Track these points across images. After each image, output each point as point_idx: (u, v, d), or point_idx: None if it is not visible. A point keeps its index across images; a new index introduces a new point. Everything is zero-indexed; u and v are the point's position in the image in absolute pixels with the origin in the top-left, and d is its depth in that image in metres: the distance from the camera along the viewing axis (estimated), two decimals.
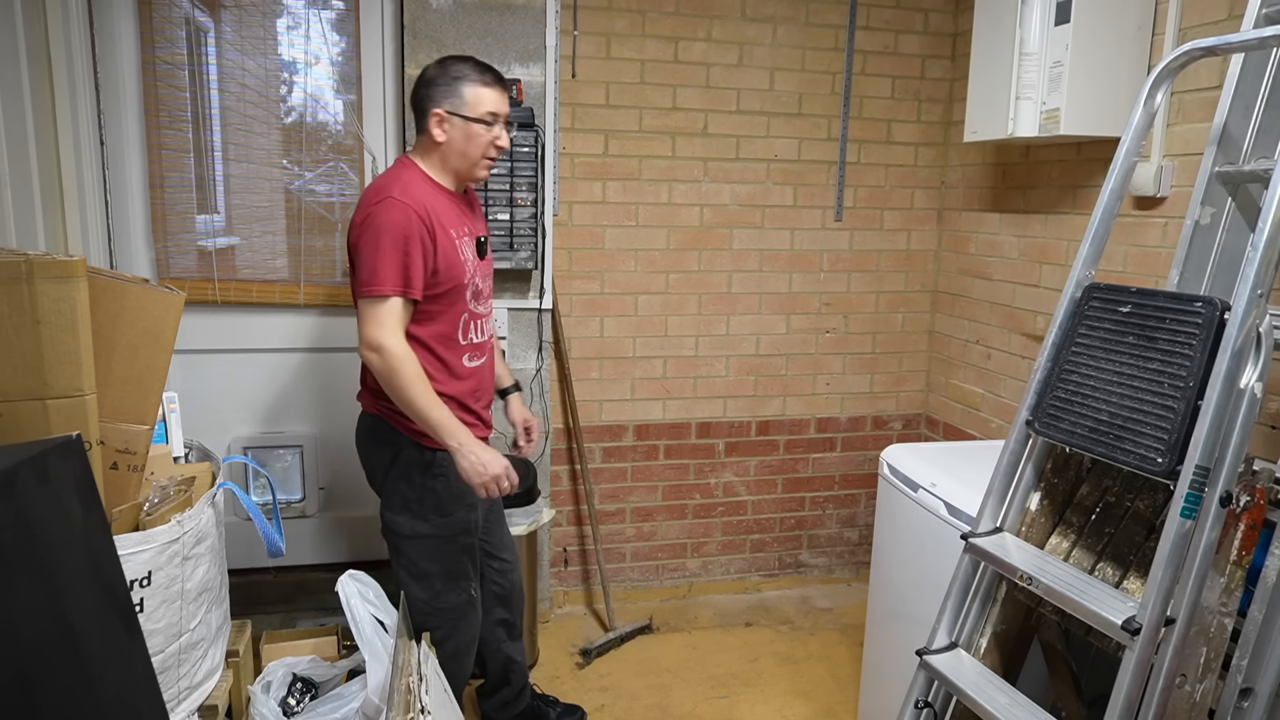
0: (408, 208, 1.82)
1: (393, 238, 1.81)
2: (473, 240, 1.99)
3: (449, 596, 2.07)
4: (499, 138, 1.92)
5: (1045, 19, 2.28)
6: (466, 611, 2.10)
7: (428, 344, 1.93)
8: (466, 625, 2.11)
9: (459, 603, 2.08)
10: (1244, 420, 1.28)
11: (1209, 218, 1.62)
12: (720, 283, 3.11)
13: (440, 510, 2.00)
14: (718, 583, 3.31)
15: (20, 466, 1.20)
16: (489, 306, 2.08)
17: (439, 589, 2.06)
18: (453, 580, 2.06)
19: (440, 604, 2.07)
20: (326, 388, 2.91)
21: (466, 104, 1.88)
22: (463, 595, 2.08)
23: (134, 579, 1.59)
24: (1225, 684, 1.39)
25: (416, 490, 1.99)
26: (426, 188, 1.91)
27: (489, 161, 1.95)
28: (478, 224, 2.07)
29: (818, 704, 2.61)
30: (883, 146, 3.15)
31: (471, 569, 2.10)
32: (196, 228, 2.73)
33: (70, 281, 1.48)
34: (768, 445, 3.26)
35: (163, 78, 2.63)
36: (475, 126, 1.89)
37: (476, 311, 2.01)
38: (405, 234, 1.81)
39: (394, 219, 1.81)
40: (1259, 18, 1.58)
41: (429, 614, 2.08)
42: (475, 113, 1.89)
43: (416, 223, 1.82)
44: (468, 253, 1.95)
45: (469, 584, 2.09)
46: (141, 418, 1.69)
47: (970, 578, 1.65)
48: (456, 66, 1.91)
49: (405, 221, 1.81)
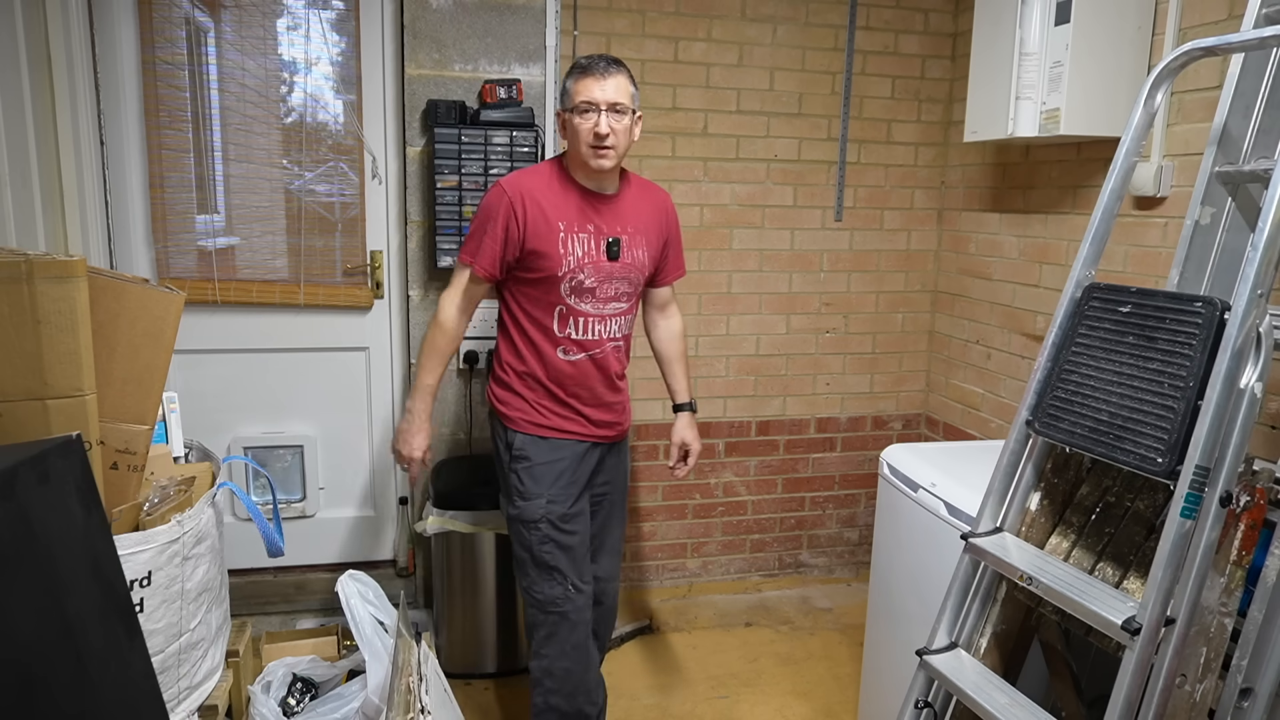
0: (502, 190, 1.96)
1: (481, 214, 1.99)
2: (599, 238, 2.00)
3: (544, 587, 2.03)
4: (597, 125, 1.91)
5: (1045, 19, 2.28)
6: (567, 609, 2.03)
7: (522, 324, 2.03)
8: (569, 626, 2.04)
9: (555, 595, 2.03)
10: (1244, 420, 1.28)
11: (1209, 218, 1.62)
12: (720, 283, 3.11)
13: (522, 494, 2.03)
14: (718, 583, 3.31)
15: (20, 466, 1.20)
16: (608, 309, 2.05)
17: (533, 577, 2.04)
18: (544, 571, 2.03)
19: (537, 594, 2.04)
20: (326, 388, 2.91)
21: (568, 97, 1.96)
22: (558, 588, 2.02)
23: (134, 579, 1.59)
24: (1225, 684, 1.39)
25: (505, 472, 2.08)
26: (546, 178, 2.00)
27: (594, 151, 1.94)
28: (620, 225, 2.04)
29: (818, 704, 2.61)
30: (883, 146, 3.15)
31: (567, 562, 2.03)
32: (196, 228, 2.73)
33: (70, 281, 1.48)
34: (768, 445, 3.26)
35: (163, 78, 2.63)
36: (574, 118, 1.94)
37: (578, 309, 2.01)
38: (490, 213, 1.96)
39: (487, 198, 1.99)
40: (1259, 18, 1.58)
41: (530, 605, 2.07)
42: (572, 104, 1.94)
43: (506, 204, 1.94)
44: (577, 247, 1.97)
45: (565, 578, 2.03)
46: (141, 418, 1.69)
47: (970, 578, 1.65)
48: (570, 69, 1.99)
49: (494, 201, 1.96)
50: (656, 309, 2.28)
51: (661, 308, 2.29)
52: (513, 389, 2.06)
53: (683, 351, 2.31)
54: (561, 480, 2.03)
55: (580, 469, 2.07)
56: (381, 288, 2.88)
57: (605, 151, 1.94)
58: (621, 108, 1.94)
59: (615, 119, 1.93)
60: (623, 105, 1.94)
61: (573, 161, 2.02)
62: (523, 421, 2.04)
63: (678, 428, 2.27)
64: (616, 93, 1.93)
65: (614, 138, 1.93)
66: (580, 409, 2.06)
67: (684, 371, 2.31)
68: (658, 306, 2.28)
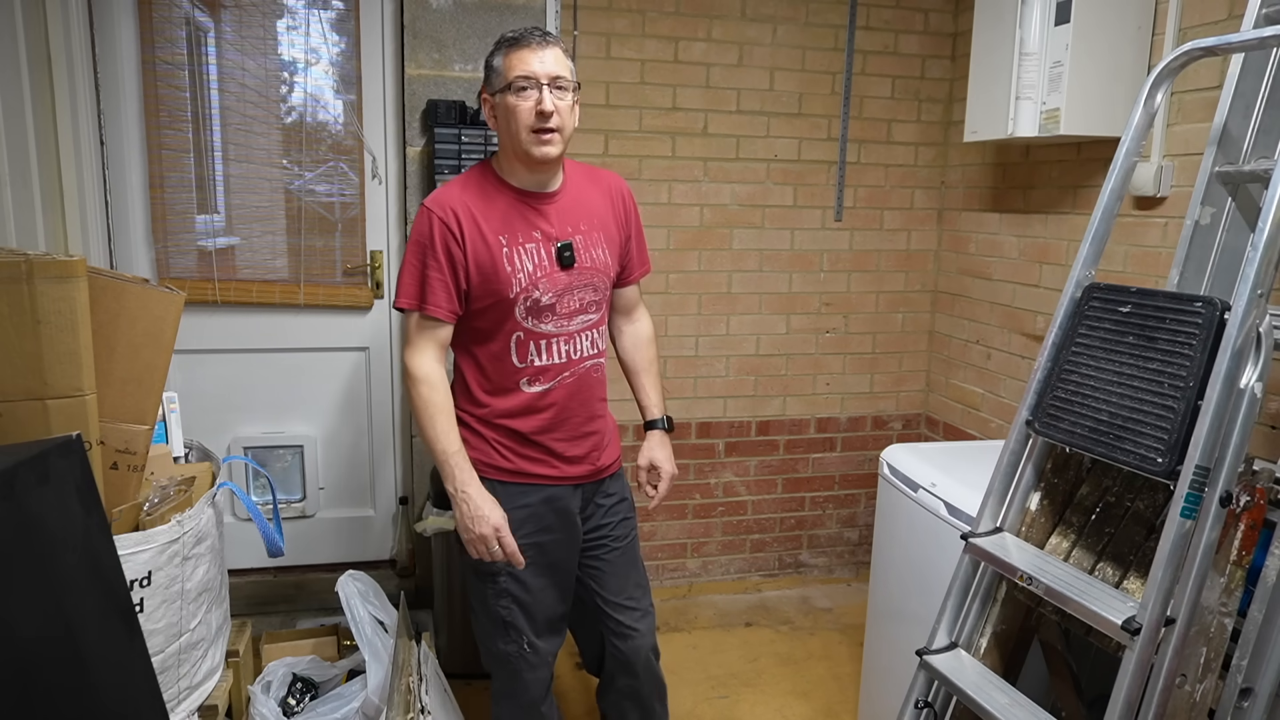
0: (430, 214, 1.67)
1: (412, 248, 1.69)
2: (547, 245, 1.71)
3: (498, 643, 1.82)
4: (540, 102, 1.61)
5: (1045, 19, 2.28)
6: (521, 668, 1.82)
7: (477, 360, 1.76)
8: (524, 686, 1.83)
9: (510, 652, 1.81)
10: (1244, 420, 1.28)
11: (1209, 218, 1.62)
12: (720, 283, 3.11)
13: None
14: (718, 583, 3.31)
15: (20, 466, 1.20)
16: (574, 324, 1.76)
17: (487, 629, 1.83)
18: (499, 627, 1.81)
19: (491, 648, 1.84)
20: (326, 388, 2.91)
21: (497, 75, 1.66)
22: (512, 646, 1.81)
23: (134, 579, 1.59)
24: (1225, 684, 1.39)
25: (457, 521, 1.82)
26: (476, 187, 1.71)
27: (537, 136, 1.63)
28: (571, 225, 1.75)
29: (818, 704, 2.61)
30: (883, 146, 3.15)
31: (525, 620, 1.80)
32: (196, 228, 2.73)
33: (70, 281, 1.48)
34: (768, 445, 3.26)
35: (163, 78, 2.63)
36: (509, 99, 1.63)
37: (539, 331, 1.73)
38: (422, 244, 1.68)
39: (416, 228, 1.70)
40: (1259, 18, 1.58)
41: (484, 655, 1.88)
42: (505, 82, 1.64)
43: (438, 226, 1.66)
44: (526, 261, 1.69)
45: (522, 635, 1.80)
46: (141, 418, 1.69)
47: (970, 578, 1.65)
48: (496, 45, 1.69)
49: (424, 230, 1.68)
50: (621, 313, 1.98)
51: (627, 312, 1.98)
52: (469, 427, 1.77)
53: (653, 359, 2.01)
54: (525, 529, 1.75)
55: (551, 516, 1.80)
56: (381, 288, 2.88)
57: (550, 136, 1.63)
58: (564, 83, 1.65)
59: (558, 96, 1.63)
60: (564, 80, 1.65)
61: (506, 158, 1.72)
62: (481, 464, 1.75)
63: (647, 447, 1.98)
64: (557, 65, 1.64)
65: (558, 118, 1.63)
66: (550, 446, 1.78)
67: (655, 383, 2.00)
68: (622, 310, 1.97)
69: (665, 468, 1.97)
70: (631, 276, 1.94)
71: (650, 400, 2.00)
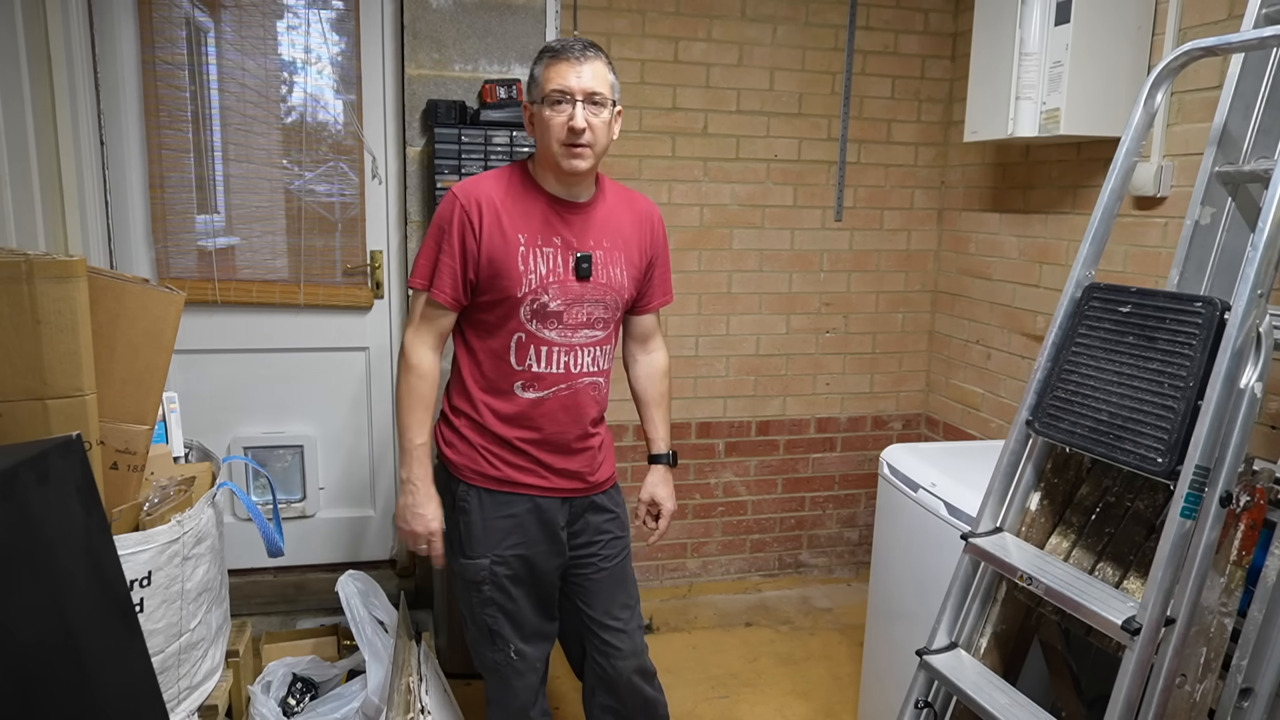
0: (455, 201, 1.68)
1: (433, 228, 1.71)
2: (566, 253, 1.71)
3: (485, 651, 1.83)
4: (572, 118, 1.61)
5: (1045, 19, 2.28)
6: (509, 675, 1.82)
7: (475, 355, 1.76)
8: (512, 693, 1.84)
9: (497, 660, 1.82)
10: (1244, 420, 1.28)
11: (1209, 218, 1.62)
12: (720, 283, 3.11)
13: (465, 551, 1.78)
14: (718, 583, 3.31)
15: (20, 466, 1.20)
16: (577, 337, 1.74)
17: (475, 637, 1.84)
18: (485, 635, 1.81)
19: (480, 655, 1.85)
20: (326, 388, 2.91)
21: (536, 86, 1.66)
22: (499, 654, 1.81)
23: (134, 579, 1.59)
24: (1225, 684, 1.39)
25: (450, 522, 1.80)
26: (506, 183, 1.72)
27: (568, 150, 1.64)
28: (594, 239, 1.75)
29: (818, 704, 2.61)
30: (883, 146, 3.15)
31: (511, 629, 1.80)
32: (196, 228, 2.73)
33: (70, 281, 1.48)
34: (768, 445, 3.26)
35: (163, 78, 2.63)
36: (544, 111, 1.64)
37: (541, 336, 1.71)
38: (441, 228, 1.69)
39: (440, 211, 1.70)
40: (1259, 18, 1.58)
41: (475, 661, 1.88)
42: (542, 94, 1.64)
43: (460, 213, 1.67)
44: (540, 264, 1.69)
45: (508, 644, 1.80)
46: (141, 418, 1.69)
47: (970, 578, 1.65)
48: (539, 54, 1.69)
49: (446, 212, 1.69)
50: (636, 341, 1.95)
51: (643, 340, 1.95)
52: (459, 431, 1.77)
53: (665, 393, 1.98)
54: (510, 539, 1.76)
55: (538, 527, 1.78)
56: (381, 288, 2.88)
57: (580, 150, 1.63)
58: (600, 99, 1.64)
59: (593, 112, 1.63)
60: (601, 96, 1.64)
61: (540, 163, 1.72)
62: (468, 470, 1.76)
63: (650, 482, 1.96)
64: (594, 81, 1.62)
65: (590, 134, 1.63)
66: (540, 457, 1.76)
67: (664, 417, 1.98)
68: (638, 338, 1.95)
69: (666, 505, 1.96)
70: (651, 304, 1.92)
71: (658, 434, 1.98)
